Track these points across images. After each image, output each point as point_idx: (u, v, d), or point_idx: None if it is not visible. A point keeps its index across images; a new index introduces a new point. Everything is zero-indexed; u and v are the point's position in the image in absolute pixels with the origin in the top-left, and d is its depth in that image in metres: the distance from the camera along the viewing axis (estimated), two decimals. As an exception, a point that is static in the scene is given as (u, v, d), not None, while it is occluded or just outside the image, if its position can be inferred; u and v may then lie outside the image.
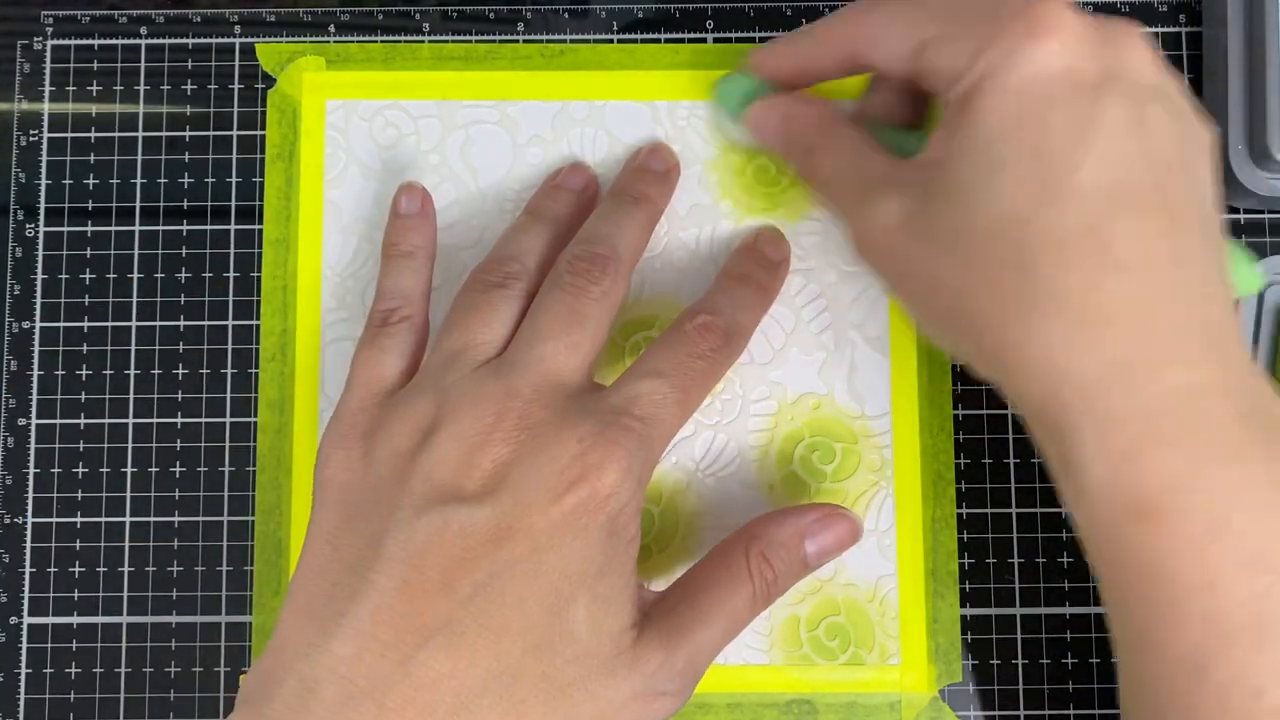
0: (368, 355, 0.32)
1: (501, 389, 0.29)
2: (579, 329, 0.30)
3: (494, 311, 0.31)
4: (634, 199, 0.34)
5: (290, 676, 0.26)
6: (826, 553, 0.31)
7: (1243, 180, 0.36)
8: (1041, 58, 0.26)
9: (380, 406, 0.30)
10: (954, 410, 0.37)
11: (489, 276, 0.32)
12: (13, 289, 0.37)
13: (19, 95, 0.38)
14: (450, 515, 0.27)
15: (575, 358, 0.30)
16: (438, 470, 0.28)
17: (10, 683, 0.36)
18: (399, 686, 0.25)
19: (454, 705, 0.26)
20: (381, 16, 0.38)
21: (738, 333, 0.32)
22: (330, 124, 0.37)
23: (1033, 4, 0.26)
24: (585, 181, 0.36)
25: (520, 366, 0.29)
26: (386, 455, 0.29)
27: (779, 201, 0.37)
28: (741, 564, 0.30)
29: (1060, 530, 0.36)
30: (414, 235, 0.34)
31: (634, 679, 0.27)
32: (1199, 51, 0.38)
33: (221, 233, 0.37)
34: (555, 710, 0.26)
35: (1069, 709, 0.36)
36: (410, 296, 0.33)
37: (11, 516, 0.36)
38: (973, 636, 0.36)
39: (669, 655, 0.28)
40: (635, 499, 0.28)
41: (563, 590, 0.27)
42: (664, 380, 0.29)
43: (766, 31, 0.38)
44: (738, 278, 0.34)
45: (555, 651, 0.27)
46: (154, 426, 0.37)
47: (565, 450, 0.28)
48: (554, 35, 0.38)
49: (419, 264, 0.33)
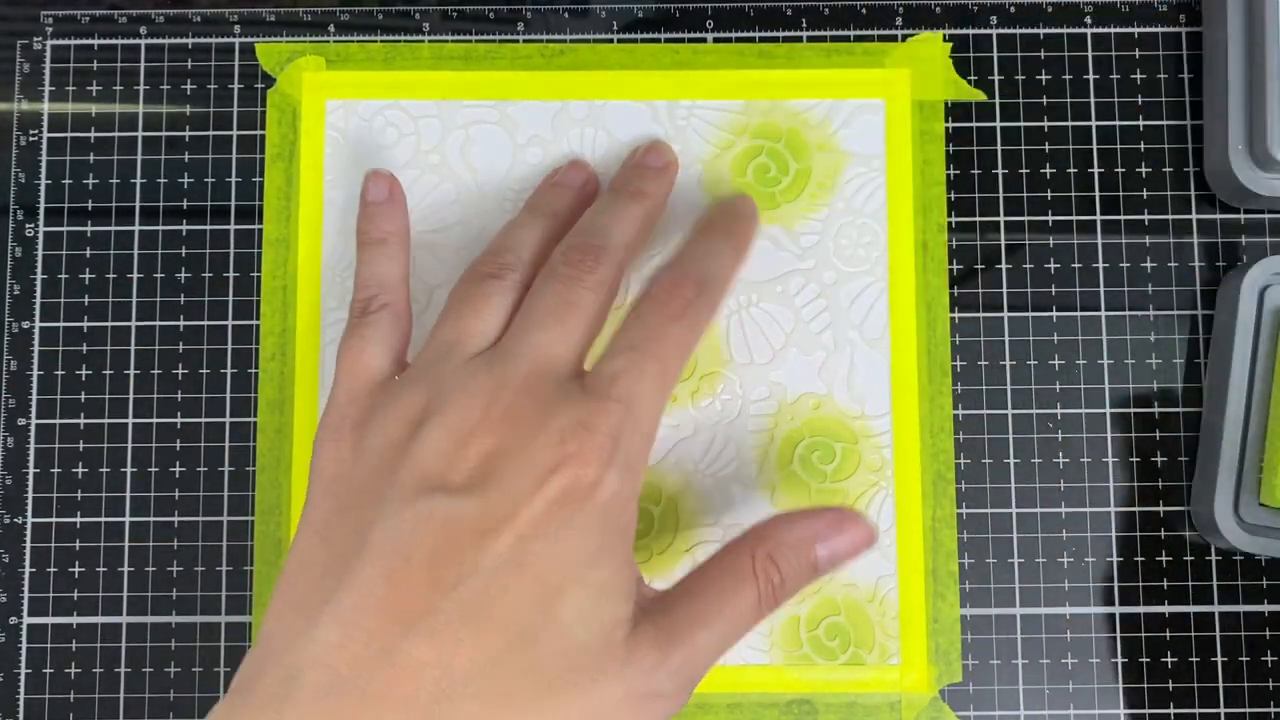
0: (350, 346, 0.32)
1: (492, 380, 0.28)
2: (572, 318, 0.30)
3: (487, 302, 0.31)
4: (631, 194, 0.34)
5: (276, 664, 0.26)
6: (838, 557, 0.29)
7: (1243, 180, 0.36)
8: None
9: (370, 396, 0.30)
10: (954, 410, 0.37)
11: (483, 268, 0.32)
12: (13, 289, 0.37)
13: (19, 95, 0.38)
14: (436, 506, 0.27)
15: (568, 347, 0.29)
16: (425, 461, 0.27)
17: (10, 683, 0.36)
18: (381, 674, 0.25)
19: (435, 694, 0.25)
20: (381, 16, 0.38)
21: (711, 282, 0.30)
22: (330, 124, 0.37)
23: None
24: (584, 178, 0.36)
25: (513, 357, 0.29)
26: (377, 446, 0.29)
27: (778, 201, 0.37)
28: (747, 565, 0.29)
29: (1060, 530, 0.36)
30: (384, 222, 0.34)
31: (626, 677, 0.27)
32: (1199, 51, 0.38)
33: (221, 233, 0.37)
34: (542, 705, 0.26)
35: (1069, 709, 0.36)
36: (386, 283, 0.33)
37: (11, 516, 0.36)
38: (973, 636, 0.36)
39: (665, 654, 0.27)
40: (626, 484, 0.28)
41: (550, 581, 0.26)
42: (638, 353, 0.29)
43: (767, 31, 0.38)
44: (702, 229, 0.33)
45: (542, 644, 0.26)
46: (154, 426, 0.37)
47: (548, 440, 0.27)
48: (554, 35, 0.38)
49: (392, 250, 0.33)
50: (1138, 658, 0.36)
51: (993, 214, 0.37)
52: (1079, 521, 0.36)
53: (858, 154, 0.37)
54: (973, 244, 0.37)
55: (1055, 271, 0.37)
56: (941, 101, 0.38)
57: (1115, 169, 0.38)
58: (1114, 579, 0.36)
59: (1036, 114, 0.38)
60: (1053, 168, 0.38)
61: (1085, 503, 0.36)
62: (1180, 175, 0.38)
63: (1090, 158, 0.38)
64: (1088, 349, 0.37)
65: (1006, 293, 0.37)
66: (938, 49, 0.38)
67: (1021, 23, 0.38)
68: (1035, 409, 0.37)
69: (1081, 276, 0.37)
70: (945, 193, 0.37)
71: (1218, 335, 0.36)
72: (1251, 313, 0.36)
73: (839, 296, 0.37)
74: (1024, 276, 0.37)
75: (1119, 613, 0.36)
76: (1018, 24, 0.38)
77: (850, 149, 0.37)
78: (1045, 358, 0.37)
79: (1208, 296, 0.37)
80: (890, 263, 0.37)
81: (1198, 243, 0.37)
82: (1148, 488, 0.36)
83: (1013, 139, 0.38)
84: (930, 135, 0.37)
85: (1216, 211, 0.37)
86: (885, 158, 0.37)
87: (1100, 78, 0.38)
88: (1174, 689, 0.36)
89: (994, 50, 0.38)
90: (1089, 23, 0.38)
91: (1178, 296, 0.37)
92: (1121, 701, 0.36)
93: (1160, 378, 0.37)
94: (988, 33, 0.38)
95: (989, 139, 0.38)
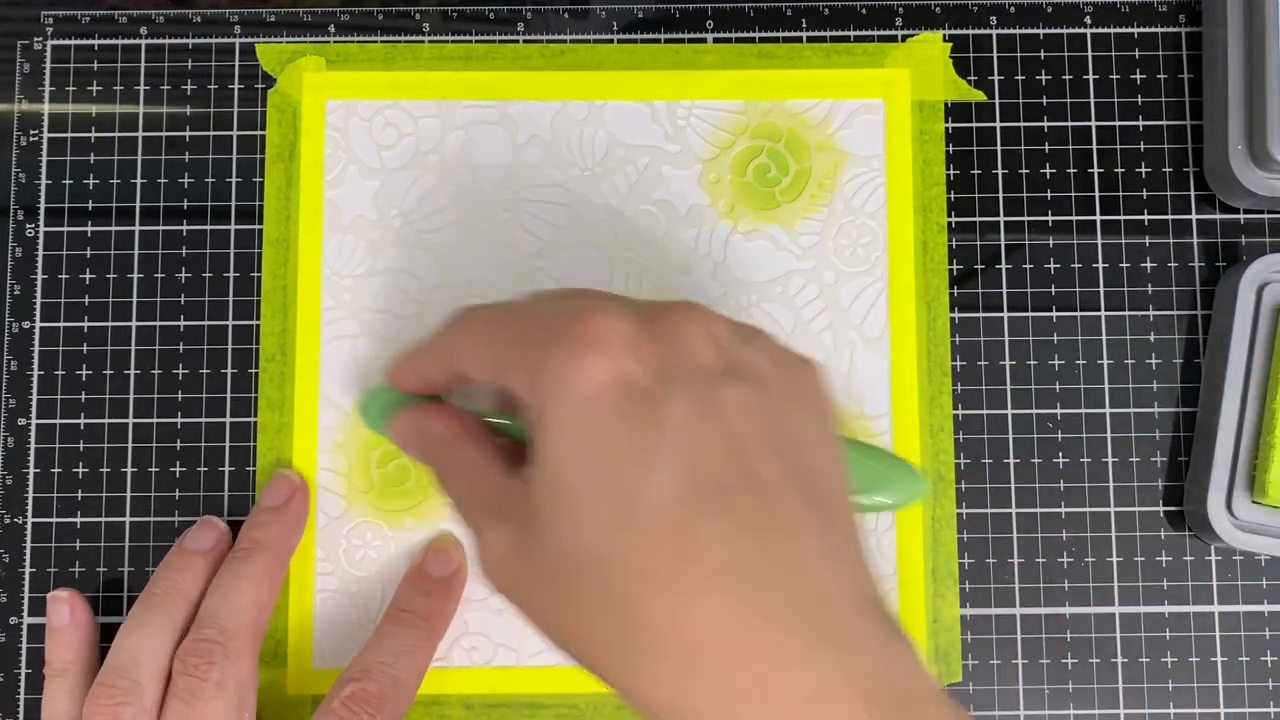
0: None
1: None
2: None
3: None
4: (244, 556, 0.34)
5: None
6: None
7: (1243, 180, 0.36)
8: (589, 376, 0.24)
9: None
10: (954, 410, 0.37)
11: (102, 701, 0.32)
12: (13, 289, 0.37)
13: (19, 95, 0.38)
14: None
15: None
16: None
17: (10, 683, 0.36)
18: None
19: None
20: (381, 16, 0.38)
21: (397, 689, 0.32)
22: (330, 124, 0.37)
23: (577, 321, 0.25)
24: (214, 540, 0.35)
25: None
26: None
27: (778, 201, 0.37)
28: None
29: (1060, 530, 0.36)
30: (63, 650, 0.35)
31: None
32: (1199, 51, 0.38)
33: (221, 233, 0.37)
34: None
35: (1069, 709, 0.36)
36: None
37: (11, 516, 0.36)
38: (973, 636, 0.36)
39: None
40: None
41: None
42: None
43: (767, 31, 0.38)
44: (395, 618, 0.34)
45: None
46: (154, 426, 0.37)
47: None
48: (554, 35, 0.38)
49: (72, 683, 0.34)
50: (1138, 658, 0.36)
51: (993, 214, 0.37)
52: (1079, 521, 0.36)
53: (858, 154, 0.37)
54: (973, 244, 0.37)
55: (1055, 271, 0.37)
56: (941, 101, 0.38)
57: (1115, 169, 0.38)
58: (1114, 579, 0.36)
59: (1036, 114, 0.38)
60: (1053, 168, 0.38)
61: (1085, 503, 0.36)
62: (1180, 175, 0.38)
63: (1090, 158, 0.38)
64: (1088, 349, 0.37)
65: (1006, 293, 0.37)
66: (937, 49, 0.38)
67: (1021, 23, 0.38)
68: (1035, 409, 0.37)
69: (1081, 276, 0.37)
70: (945, 193, 0.37)
71: (1215, 332, 0.36)
72: (1250, 309, 0.36)
73: (839, 296, 0.37)
74: (1024, 276, 0.37)
75: (1119, 613, 0.36)
76: (1018, 24, 0.38)
77: (850, 149, 0.37)
78: (1045, 358, 0.37)
79: (1207, 296, 0.37)
80: (890, 263, 0.37)
81: (1197, 242, 0.37)
82: (1148, 488, 0.36)
83: (1013, 139, 0.38)
84: (930, 135, 0.37)
85: (1216, 211, 0.37)
86: (885, 158, 0.37)
87: (1100, 78, 0.38)
88: (1174, 689, 0.36)
89: (994, 50, 0.38)
90: (1089, 23, 0.38)
91: (1177, 296, 0.37)
92: (1121, 701, 0.36)
93: (1160, 378, 0.37)
94: (987, 33, 0.38)
95: (989, 139, 0.38)
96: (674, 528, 0.23)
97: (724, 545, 0.23)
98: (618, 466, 0.24)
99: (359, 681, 0.32)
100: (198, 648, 0.32)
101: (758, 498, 0.24)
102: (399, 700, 0.32)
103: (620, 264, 0.37)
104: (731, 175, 0.37)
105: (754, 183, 0.37)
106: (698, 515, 0.23)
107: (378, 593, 0.36)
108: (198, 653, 0.32)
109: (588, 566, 0.24)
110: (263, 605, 0.34)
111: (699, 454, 0.24)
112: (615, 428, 0.24)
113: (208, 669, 0.32)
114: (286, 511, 0.35)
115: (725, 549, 0.23)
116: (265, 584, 0.34)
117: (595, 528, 0.24)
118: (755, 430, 0.24)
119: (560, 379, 0.24)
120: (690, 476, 0.23)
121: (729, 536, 0.23)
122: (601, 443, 0.24)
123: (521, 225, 0.37)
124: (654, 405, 0.24)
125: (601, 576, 0.23)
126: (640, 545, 0.23)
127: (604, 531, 0.23)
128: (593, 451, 0.24)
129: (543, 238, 0.37)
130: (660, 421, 0.24)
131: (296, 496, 0.35)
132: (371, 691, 0.32)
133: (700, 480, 0.23)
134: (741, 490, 0.24)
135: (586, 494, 0.24)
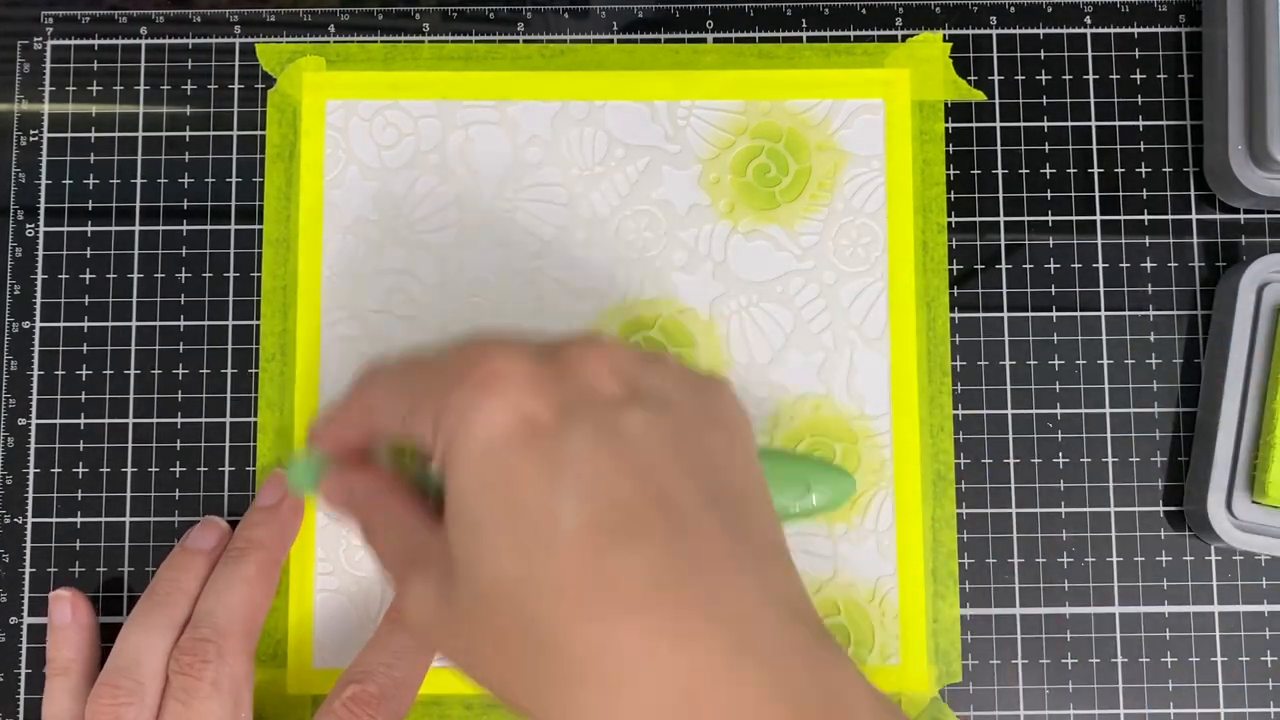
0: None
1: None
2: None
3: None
4: (237, 555, 0.34)
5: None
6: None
7: (1242, 180, 0.36)
8: (491, 416, 0.24)
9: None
10: (954, 410, 0.37)
11: (103, 701, 0.32)
12: (13, 289, 0.37)
13: (19, 95, 0.38)
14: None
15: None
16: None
17: (10, 683, 0.36)
18: None
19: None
20: (381, 16, 0.38)
21: (398, 689, 0.33)
22: (330, 124, 0.37)
23: (476, 365, 0.25)
24: (215, 540, 0.35)
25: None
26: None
27: (778, 201, 0.37)
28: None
29: (1060, 530, 0.36)
30: (65, 649, 0.35)
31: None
32: (1199, 51, 0.38)
33: (221, 233, 0.37)
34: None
35: (1069, 709, 0.36)
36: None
37: (11, 516, 0.36)
38: (973, 636, 0.36)
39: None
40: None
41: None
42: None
43: (767, 31, 0.38)
44: (395, 618, 0.34)
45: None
46: (154, 426, 0.37)
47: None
48: (554, 35, 0.38)
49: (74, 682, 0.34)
50: (1138, 658, 0.36)
51: (993, 214, 0.37)
52: (1079, 521, 0.36)
53: (858, 154, 0.37)
54: (973, 244, 0.37)
55: (1055, 271, 0.37)
56: (941, 101, 0.38)
57: (1115, 169, 0.38)
58: (1114, 579, 0.36)
59: (1036, 114, 0.38)
60: (1053, 168, 0.38)
61: (1085, 503, 0.36)
62: (1180, 175, 0.38)
63: (1090, 158, 0.38)
64: (1088, 349, 0.37)
65: (1006, 293, 0.37)
66: (937, 49, 0.38)
67: (1021, 23, 0.38)
68: (1035, 409, 0.37)
69: (1081, 276, 0.37)
70: (945, 193, 0.37)
71: (1215, 331, 0.36)
72: (1249, 309, 0.36)
73: (839, 296, 0.37)
74: (1024, 276, 0.37)
75: (1119, 613, 0.36)
76: (1017, 24, 0.38)
77: (850, 149, 0.37)
78: (1045, 358, 0.37)
79: (1207, 296, 0.37)
80: (890, 263, 0.37)
81: (1197, 242, 0.37)
82: (1148, 488, 0.36)
83: (1013, 139, 0.38)
84: (930, 135, 0.37)
85: (1216, 211, 0.38)
86: (885, 158, 0.37)
87: (1100, 78, 0.38)
88: (1174, 689, 0.36)
89: (994, 50, 0.38)
90: (1089, 23, 0.38)
91: (1177, 296, 0.37)
92: (1121, 701, 0.36)
93: (1160, 378, 0.37)
94: (987, 33, 0.38)
95: (989, 139, 0.38)
96: (586, 557, 0.23)
97: (638, 569, 0.23)
98: (526, 501, 0.24)
99: (359, 683, 0.32)
100: (192, 647, 0.32)
101: (670, 519, 0.23)
102: (400, 701, 0.33)
103: (620, 264, 0.37)
104: (731, 175, 0.37)
105: (754, 183, 0.37)
106: (609, 542, 0.23)
107: (378, 593, 0.36)
108: (192, 652, 0.32)
109: (505, 602, 0.24)
110: (257, 604, 0.34)
111: (605, 482, 0.23)
112: (521, 464, 0.24)
113: (202, 668, 0.32)
114: (280, 511, 0.35)
115: (639, 573, 0.23)
116: (259, 583, 0.34)
117: (509, 563, 0.23)
118: (663, 453, 0.24)
119: (463, 421, 0.24)
120: (598, 505, 0.23)
121: (643, 560, 0.23)
122: (508, 479, 0.24)
123: (521, 225, 0.37)
124: (557, 438, 0.24)
125: (519, 611, 0.23)
126: (554, 577, 0.23)
127: (517, 566, 0.23)
128: (500, 488, 0.24)
129: (543, 238, 0.37)
130: (564, 453, 0.24)
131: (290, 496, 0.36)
132: (372, 693, 0.32)
133: (608, 507, 0.23)
134: (653, 513, 0.23)
135: (496, 530, 0.24)
